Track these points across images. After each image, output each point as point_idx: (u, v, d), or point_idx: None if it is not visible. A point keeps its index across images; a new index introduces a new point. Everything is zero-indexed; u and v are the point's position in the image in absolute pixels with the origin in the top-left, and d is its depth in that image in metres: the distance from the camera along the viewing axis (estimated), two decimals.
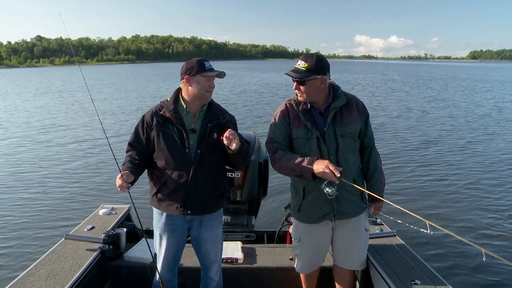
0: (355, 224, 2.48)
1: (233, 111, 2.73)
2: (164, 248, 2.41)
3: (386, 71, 70.05)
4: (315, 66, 2.23)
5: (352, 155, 2.37)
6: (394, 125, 13.32)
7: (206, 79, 2.25)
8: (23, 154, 9.63)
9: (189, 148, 2.26)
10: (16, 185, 7.24)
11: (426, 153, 9.59)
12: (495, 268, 4.35)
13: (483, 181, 7.40)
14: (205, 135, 2.29)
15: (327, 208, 2.36)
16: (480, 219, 5.69)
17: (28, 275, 2.42)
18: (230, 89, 28.97)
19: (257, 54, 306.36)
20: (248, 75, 51.25)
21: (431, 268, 2.55)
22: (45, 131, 12.75)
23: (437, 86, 32.83)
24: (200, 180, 2.29)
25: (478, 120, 14.56)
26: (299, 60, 2.29)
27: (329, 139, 2.29)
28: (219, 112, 2.38)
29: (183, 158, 2.26)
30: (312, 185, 2.32)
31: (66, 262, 2.59)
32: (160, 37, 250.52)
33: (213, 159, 2.31)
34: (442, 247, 4.83)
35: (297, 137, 2.34)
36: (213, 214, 2.41)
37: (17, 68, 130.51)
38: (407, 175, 7.61)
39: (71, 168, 8.41)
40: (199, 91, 2.26)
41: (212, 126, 2.30)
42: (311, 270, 2.65)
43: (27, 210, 6.03)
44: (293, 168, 2.23)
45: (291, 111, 2.38)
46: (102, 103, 20.74)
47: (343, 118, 2.32)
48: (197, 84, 2.25)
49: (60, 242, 2.90)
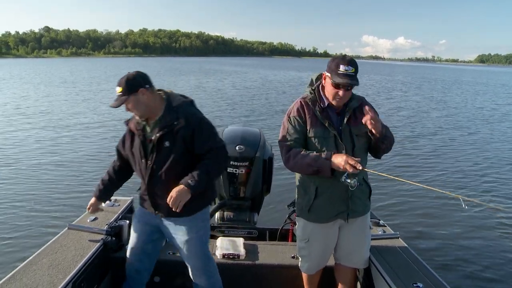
0: (362, 222, 2.51)
1: (237, 107, 2.71)
2: (132, 237, 2.53)
3: (393, 72, 69.68)
4: (358, 67, 2.25)
5: (364, 155, 2.39)
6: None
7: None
8: (28, 145, 9.65)
9: (145, 158, 2.30)
10: (20, 174, 7.28)
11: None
12: (501, 273, 4.35)
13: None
14: (157, 144, 2.26)
15: (342, 207, 2.37)
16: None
17: (31, 263, 2.43)
18: (232, 85, 29.01)
19: (264, 51, 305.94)
20: (252, 72, 51.24)
21: (433, 272, 2.54)
22: (50, 122, 12.75)
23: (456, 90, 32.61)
24: (159, 189, 2.30)
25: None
26: (346, 66, 2.20)
27: (346, 138, 2.30)
28: (173, 118, 2.23)
29: (142, 169, 2.33)
30: (326, 184, 2.32)
31: (68, 252, 2.60)
32: (168, 31, 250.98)
33: (169, 167, 2.26)
34: (446, 250, 4.82)
35: (314, 136, 2.33)
36: (186, 218, 2.36)
37: (24, 58, 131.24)
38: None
39: (75, 158, 8.45)
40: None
41: (162, 134, 2.23)
42: (317, 270, 2.66)
43: (31, 199, 6.06)
44: (309, 163, 2.22)
45: (307, 110, 2.36)
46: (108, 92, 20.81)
47: (357, 118, 2.34)
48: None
49: (63, 232, 2.90)
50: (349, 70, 2.20)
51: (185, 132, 2.21)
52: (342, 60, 2.22)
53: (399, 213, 5.94)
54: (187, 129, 2.21)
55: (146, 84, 2.23)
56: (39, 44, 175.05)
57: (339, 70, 2.20)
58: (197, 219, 2.41)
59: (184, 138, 2.21)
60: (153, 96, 2.26)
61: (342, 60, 2.22)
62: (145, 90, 2.21)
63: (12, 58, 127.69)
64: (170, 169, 2.26)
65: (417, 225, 5.59)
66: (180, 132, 2.21)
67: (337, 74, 2.20)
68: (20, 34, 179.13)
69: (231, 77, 39.70)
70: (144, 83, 2.22)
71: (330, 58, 2.38)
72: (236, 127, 3.83)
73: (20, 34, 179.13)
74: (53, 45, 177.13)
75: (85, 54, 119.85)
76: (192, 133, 2.22)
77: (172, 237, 2.45)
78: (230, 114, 14.78)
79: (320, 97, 2.36)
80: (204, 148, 2.25)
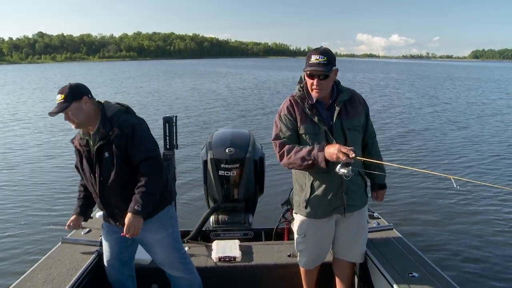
0: (359, 216, 2.53)
1: (227, 108, 2.70)
2: (106, 251, 2.56)
3: (387, 69, 69.90)
4: (333, 57, 2.27)
5: (357, 148, 2.40)
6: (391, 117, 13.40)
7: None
8: (20, 157, 9.50)
9: (93, 173, 2.31)
10: (12, 187, 7.16)
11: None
12: (494, 259, 4.38)
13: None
14: (98, 156, 2.27)
15: (337, 202, 2.39)
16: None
17: (26, 280, 2.42)
18: (226, 86, 28.97)
19: (259, 52, 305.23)
20: (246, 73, 51.13)
21: (428, 261, 2.57)
22: (42, 132, 12.55)
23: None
24: (112, 200, 2.33)
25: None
26: (317, 55, 2.24)
27: (337, 133, 2.32)
28: (108, 128, 2.23)
29: (93, 183, 2.34)
30: (321, 179, 2.35)
31: (63, 267, 2.59)
32: (162, 34, 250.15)
33: (115, 178, 2.25)
34: (440, 239, 4.85)
35: (305, 133, 2.35)
36: (151, 219, 2.35)
37: (18, 64, 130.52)
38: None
39: (68, 170, 8.22)
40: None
41: (100, 146, 2.23)
42: (315, 264, 2.68)
43: (23, 213, 5.96)
44: (303, 157, 2.23)
45: (296, 107, 2.39)
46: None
47: (348, 112, 2.37)
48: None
49: (57, 247, 2.89)
50: (321, 59, 2.23)
51: (120, 141, 2.20)
52: (314, 51, 2.29)
53: (392, 203, 5.95)
54: (121, 138, 2.20)
55: (89, 93, 2.28)
56: (33, 50, 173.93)
57: (311, 60, 2.25)
58: (163, 217, 2.42)
59: (120, 147, 2.21)
60: (93, 107, 2.28)
61: (314, 51, 2.29)
62: (88, 98, 2.25)
63: (6, 64, 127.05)
64: (116, 179, 2.26)
65: (410, 213, 5.65)
66: (115, 141, 2.20)
67: (309, 65, 2.25)
68: (14, 40, 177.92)
69: (225, 78, 39.67)
70: (87, 92, 2.27)
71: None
72: (225, 130, 3.83)
73: (14, 40, 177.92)
74: (47, 51, 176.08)
75: (79, 59, 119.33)
76: (126, 141, 2.21)
77: (143, 241, 2.46)
78: (224, 115, 14.76)
79: (308, 94, 2.38)
80: (138, 158, 2.21)
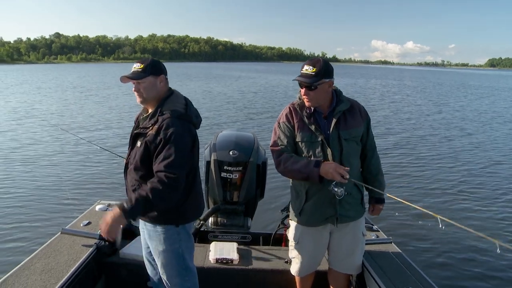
0: (354, 228, 2.49)
1: (236, 111, 2.70)
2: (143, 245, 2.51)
3: (401, 76, 69.35)
4: (324, 69, 2.25)
5: (355, 159, 2.38)
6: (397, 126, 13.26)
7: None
8: (20, 148, 9.60)
9: (128, 148, 2.29)
10: (13, 177, 7.26)
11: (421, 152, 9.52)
12: (494, 281, 4.30)
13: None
14: (132, 141, 2.23)
15: (330, 211, 2.37)
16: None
17: (24, 268, 2.44)
18: (238, 90, 29.03)
19: (273, 56, 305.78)
20: (259, 77, 51.17)
21: (426, 277, 2.53)
22: (44, 125, 12.51)
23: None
24: (129, 185, 2.24)
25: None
26: (306, 66, 2.28)
27: (333, 143, 2.30)
28: (153, 121, 2.12)
29: (127, 155, 2.30)
30: (315, 188, 2.34)
31: (61, 257, 2.61)
32: (177, 37, 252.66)
33: (135, 166, 2.16)
34: (439, 256, 4.77)
35: (302, 141, 2.35)
36: (152, 225, 2.26)
37: (35, 64, 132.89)
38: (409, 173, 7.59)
39: (70, 162, 8.37)
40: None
41: (137, 133, 2.18)
42: (307, 273, 2.65)
43: (24, 203, 6.03)
44: (299, 170, 2.24)
45: (295, 115, 2.39)
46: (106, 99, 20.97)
47: (346, 122, 2.35)
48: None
49: (56, 237, 2.91)
50: (310, 70, 2.25)
51: (152, 140, 2.08)
52: (308, 61, 2.32)
53: (392, 218, 5.87)
54: (155, 138, 2.08)
55: (166, 74, 2.27)
56: (50, 50, 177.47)
57: (302, 69, 2.30)
58: (171, 231, 2.24)
59: (151, 145, 2.09)
60: (164, 89, 2.24)
61: (308, 61, 2.32)
62: (164, 78, 2.23)
63: (23, 64, 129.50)
64: (137, 168, 2.16)
65: (410, 228, 5.53)
66: (149, 138, 2.10)
67: (300, 74, 2.29)
68: (31, 41, 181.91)
69: (237, 82, 39.77)
70: (165, 72, 2.26)
71: (338, 63, 2.40)
72: (229, 132, 3.83)
73: (31, 41, 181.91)
74: (63, 51, 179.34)
75: (94, 60, 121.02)
76: (157, 145, 2.08)
77: (148, 243, 2.39)
78: (232, 117, 14.78)
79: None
80: (157, 167, 2.03)
